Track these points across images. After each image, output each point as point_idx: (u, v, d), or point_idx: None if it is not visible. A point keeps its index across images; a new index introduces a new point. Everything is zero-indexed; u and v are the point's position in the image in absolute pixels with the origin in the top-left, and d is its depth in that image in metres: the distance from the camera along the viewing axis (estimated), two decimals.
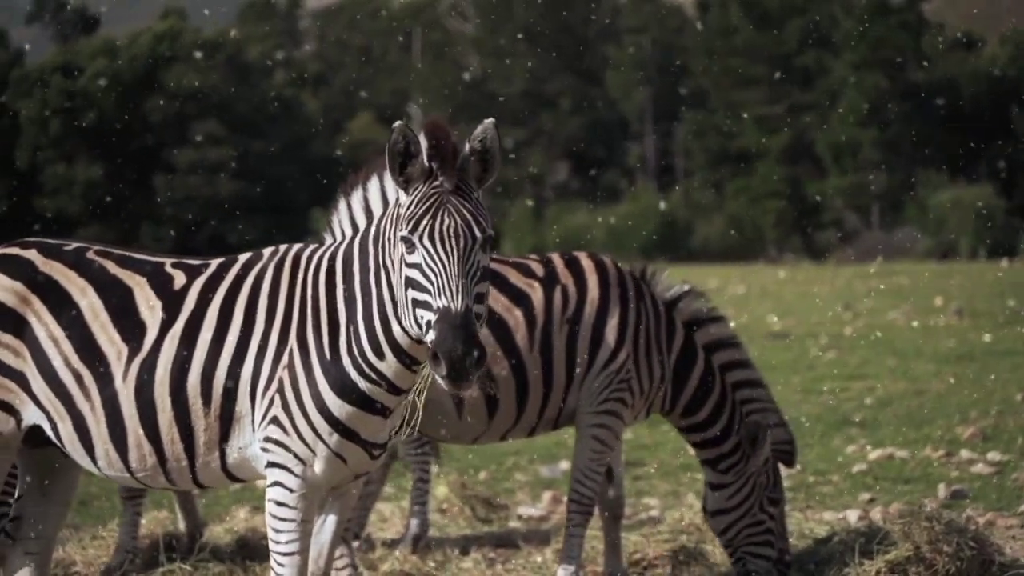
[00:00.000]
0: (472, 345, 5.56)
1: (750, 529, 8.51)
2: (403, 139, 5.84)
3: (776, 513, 8.55)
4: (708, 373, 8.47)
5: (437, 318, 5.61)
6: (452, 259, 5.72)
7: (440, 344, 5.55)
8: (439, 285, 5.68)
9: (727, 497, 8.50)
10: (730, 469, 8.50)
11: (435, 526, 10.62)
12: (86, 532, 10.32)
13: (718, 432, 8.51)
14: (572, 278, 8.32)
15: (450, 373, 5.55)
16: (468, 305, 5.65)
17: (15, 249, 6.63)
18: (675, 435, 14.61)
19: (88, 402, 6.31)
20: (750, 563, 8.52)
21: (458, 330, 5.56)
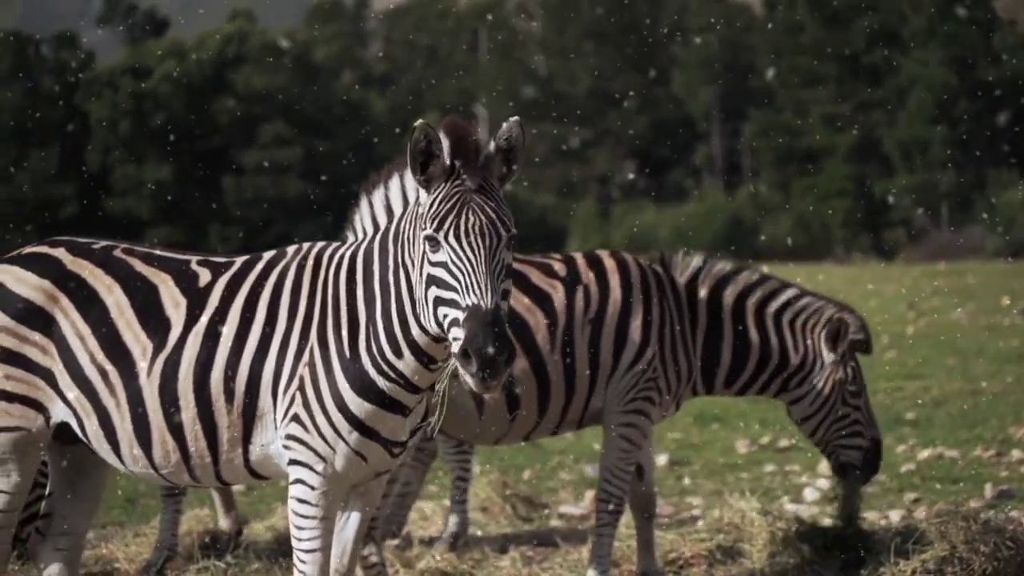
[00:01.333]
0: (503, 343, 5.57)
1: (837, 424, 8.65)
2: (425, 138, 5.85)
3: (860, 403, 8.67)
4: (739, 340, 8.51)
5: (466, 316, 5.62)
6: (479, 257, 5.73)
7: (471, 342, 5.55)
8: (467, 283, 5.69)
9: (808, 404, 8.64)
10: (803, 381, 8.62)
11: (476, 524, 10.64)
12: (131, 529, 10.42)
13: (772, 371, 8.59)
14: (594, 278, 8.31)
15: (480, 371, 5.55)
16: (497, 302, 5.66)
17: (44, 248, 6.70)
18: (724, 434, 14.70)
19: (113, 399, 6.37)
20: (842, 455, 8.70)
21: (489, 328, 5.57)
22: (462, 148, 5.88)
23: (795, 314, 8.65)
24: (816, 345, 8.61)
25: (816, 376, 8.60)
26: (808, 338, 8.62)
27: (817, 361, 8.61)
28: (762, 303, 8.63)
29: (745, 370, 8.58)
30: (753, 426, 15.02)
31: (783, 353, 8.60)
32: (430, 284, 5.79)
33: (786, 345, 8.60)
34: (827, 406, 8.61)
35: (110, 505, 11.74)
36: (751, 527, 9.24)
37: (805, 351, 8.61)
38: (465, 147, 5.88)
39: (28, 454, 6.60)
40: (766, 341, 8.57)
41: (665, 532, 9.51)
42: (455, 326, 5.67)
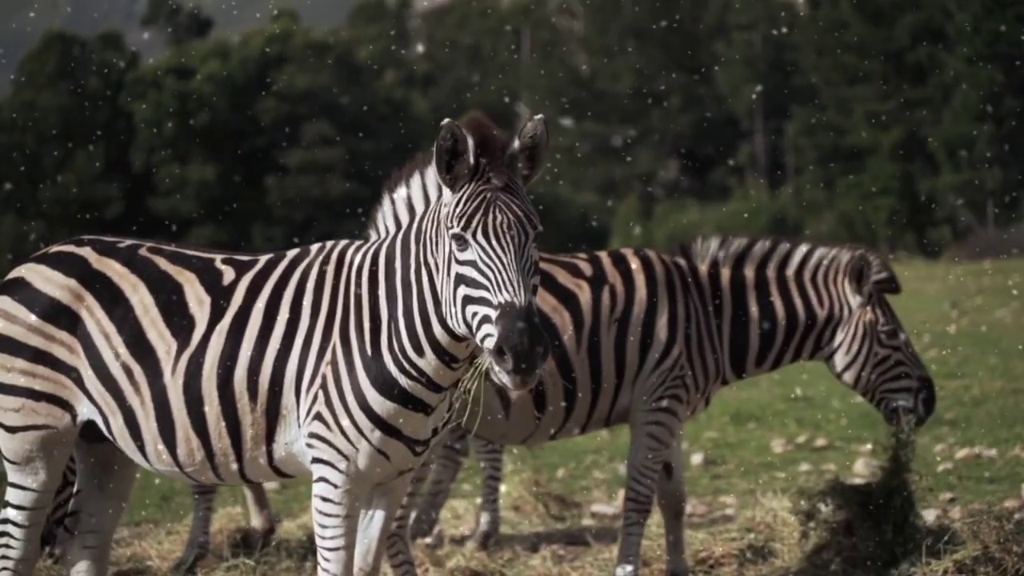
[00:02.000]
0: (538, 340, 5.56)
1: (879, 369, 8.56)
2: (451, 137, 5.84)
3: (899, 344, 8.57)
4: (764, 315, 8.48)
5: (499, 314, 5.60)
6: (509, 255, 5.72)
7: (506, 339, 5.54)
8: (498, 281, 5.68)
9: (843, 354, 8.55)
10: (834, 333, 8.55)
11: (508, 523, 10.64)
12: (164, 527, 10.46)
13: (802, 334, 8.53)
14: (620, 277, 8.29)
15: (516, 368, 5.54)
16: (531, 300, 5.65)
17: (70, 247, 6.73)
18: (759, 433, 14.64)
19: (138, 397, 6.39)
20: (891, 401, 8.60)
21: (524, 325, 5.55)
22: (487, 147, 5.87)
23: (814, 269, 8.59)
24: (840, 293, 8.55)
25: (845, 323, 8.52)
26: (831, 288, 8.56)
27: (844, 308, 8.54)
28: (780, 269, 8.58)
29: (774, 344, 8.51)
30: (789, 425, 14.97)
31: (809, 311, 8.53)
32: (458, 283, 5.78)
33: (810, 302, 8.54)
34: (863, 351, 8.51)
35: (144, 503, 11.80)
36: (783, 527, 9.20)
37: (830, 302, 8.55)
38: (490, 146, 5.88)
39: (55, 452, 6.62)
40: (790, 306, 8.51)
41: (696, 531, 9.48)
42: (486, 324, 5.66)
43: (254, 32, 63.02)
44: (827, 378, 18.65)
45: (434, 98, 66.18)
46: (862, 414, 14.71)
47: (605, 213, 60.03)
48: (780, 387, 18.15)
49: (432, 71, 70.55)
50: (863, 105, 61.39)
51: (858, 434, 13.93)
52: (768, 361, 8.57)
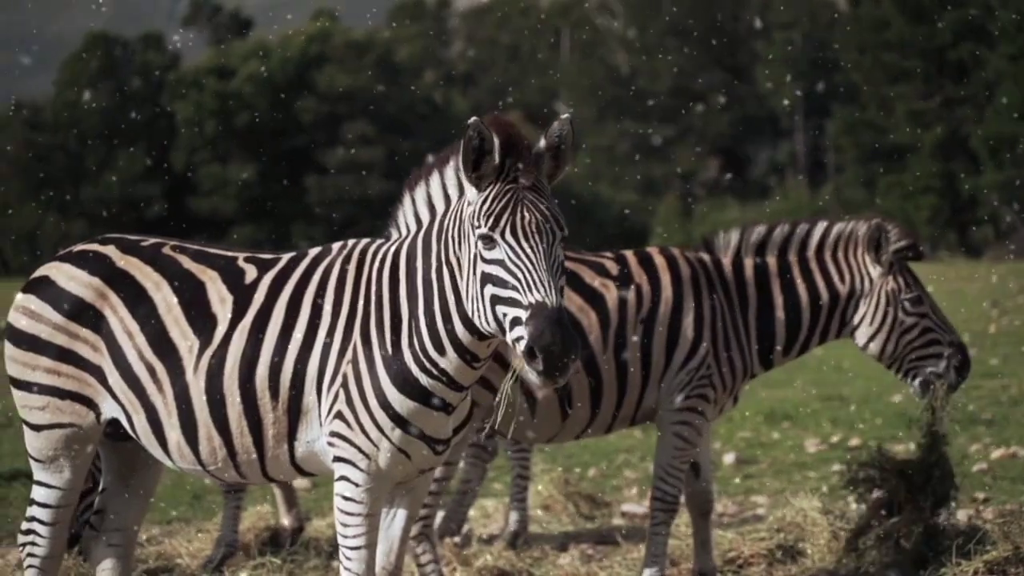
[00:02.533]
0: (570, 339, 5.55)
1: (906, 337, 8.43)
2: (477, 135, 5.82)
3: (925, 311, 8.44)
4: (788, 301, 8.41)
5: (531, 314, 5.58)
6: (538, 254, 5.72)
7: (538, 339, 5.52)
8: (529, 281, 5.66)
9: (867, 326, 8.44)
10: (857, 307, 8.45)
11: (537, 523, 10.61)
12: (196, 526, 10.48)
13: (826, 314, 8.45)
14: (646, 277, 8.25)
15: (547, 369, 5.53)
16: (561, 300, 5.64)
17: (94, 245, 6.75)
18: (793, 433, 14.57)
19: (161, 395, 6.40)
20: (922, 371, 8.45)
21: (556, 325, 5.54)
22: (513, 146, 5.86)
23: (833, 244, 8.50)
24: (860, 265, 8.47)
25: (867, 295, 8.44)
26: (851, 261, 8.48)
27: (864, 280, 8.45)
28: (801, 251, 8.51)
29: (800, 329, 8.43)
30: (824, 425, 14.88)
31: (831, 290, 8.44)
32: (485, 282, 5.76)
33: (832, 280, 8.46)
34: (887, 320, 8.41)
35: (177, 501, 11.83)
36: (812, 527, 9.15)
37: (851, 276, 8.46)
38: (516, 145, 5.86)
39: (80, 450, 6.65)
40: (813, 288, 8.43)
41: (726, 531, 9.43)
42: (517, 325, 5.65)
43: (294, 32, 63.16)
44: (864, 377, 18.64)
45: (473, 97, 66.19)
46: (897, 413, 14.64)
47: (645, 212, 59.91)
48: (815, 386, 18.08)
49: (471, 70, 70.56)
50: (904, 103, 61.09)
51: (893, 433, 13.84)
52: (795, 348, 8.49)
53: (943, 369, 8.42)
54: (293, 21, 67.49)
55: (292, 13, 63.38)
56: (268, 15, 74.07)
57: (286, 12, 68.49)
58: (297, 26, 65.03)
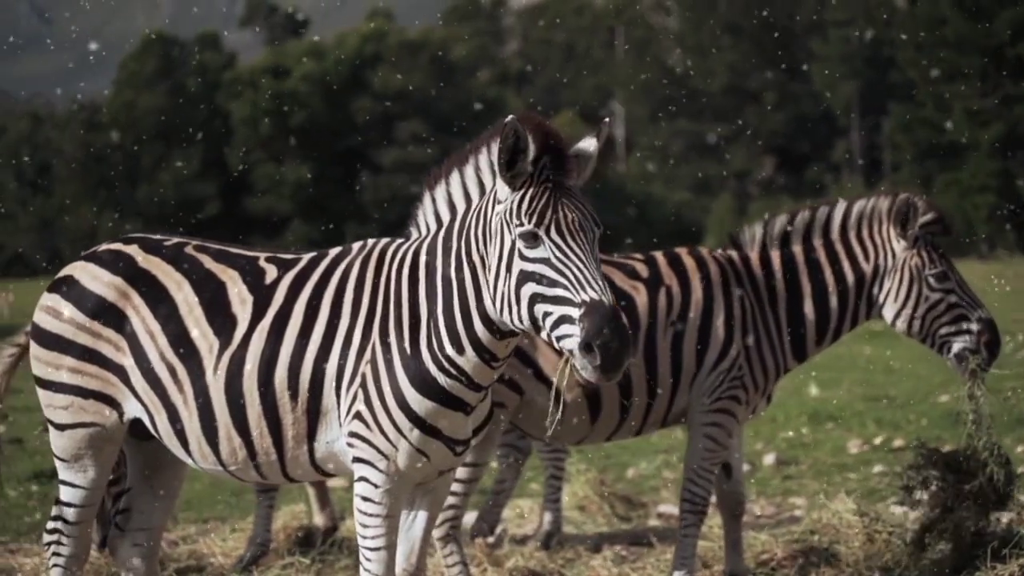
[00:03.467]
0: (626, 336, 5.55)
1: (932, 312, 8.26)
2: (514, 134, 5.79)
3: (951, 286, 8.26)
4: (816, 290, 8.30)
5: (585, 311, 5.55)
6: (586, 252, 5.71)
7: (596, 336, 5.50)
8: (580, 279, 5.64)
9: (892, 301, 8.29)
10: (882, 283, 8.31)
11: (572, 523, 10.57)
12: (232, 524, 10.50)
13: (854, 296, 8.33)
14: (676, 278, 8.18)
15: (604, 365, 5.52)
16: (613, 297, 5.64)
17: (118, 245, 6.77)
18: (837, 434, 14.44)
19: (181, 395, 6.40)
20: (954, 344, 8.26)
21: (613, 322, 5.53)
22: (549, 146, 5.83)
23: (856, 223, 8.38)
24: (884, 240, 8.33)
25: (891, 270, 8.30)
26: (875, 237, 8.35)
27: (888, 256, 8.31)
28: (825, 235, 8.40)
29: (830, 316, 8.32)
30: (868, 426, 14.75)
31: (856, 270, 8.32)
32: (525, 280, 5.73)
33: (856, 260, 8.34)
34: (912, 295, 8.25)
35: (215, 500, 11.85)
36: (847, 529, 9.06)
37: (875, 252, 8.33)
38: (552, 145, 5.83)
39: (103, 450, 6.67)
40: (839, 271, 8.32)
41: (757, 533, 9.35)
42: (564, 323, 5.61)
43: (349, 32, 63.32)
44: (913, 377, 18.48)
45: (527, 96, 66.16)
46: (944, 414, 14.50)
47: (699, 211, 59.70)
48: (862, 387, 17.94)
49: (526, 69, 70.55)
50: (962, 101, 60.57)
51: (938, 434, 13.69)
52: (827, 337, 8.38)
53: (973, 344, 8.27)
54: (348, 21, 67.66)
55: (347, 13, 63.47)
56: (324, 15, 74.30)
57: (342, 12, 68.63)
58: (352, 26, 65.19)
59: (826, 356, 21.39)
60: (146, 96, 62.06)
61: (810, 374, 19.49)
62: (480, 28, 69.71)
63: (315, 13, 72.71)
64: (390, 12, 64.87)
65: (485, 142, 6.20)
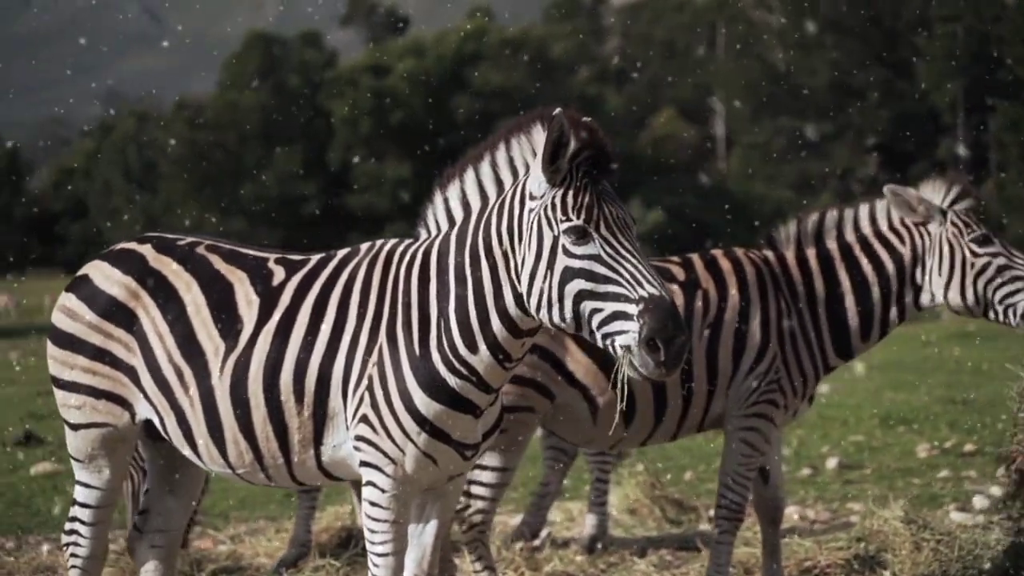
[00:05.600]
0: (687, 332, 5.48)
1: (982, 278, 7.88)
2: (559, 129, 5.67)
3: (997, 249, 7.90)
4: (858, 288, 8.06)
5: (645, 307, 5.43)
6: (635, 248, 5.62)
7: (660, 331, 5.39)
8: (635, 275, 5.53)
9: (937, 276, 7.97)
10: (924, 263, 8.01)
11: (622, 527, 10.43)
12: (279, 525, 10.48)
13: (897, 288, 8.05)
14: (712, 282, 8.01)
15: (667, 360, 5.41)
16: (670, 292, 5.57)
17: (132, 244, 6.73)
18: (907, 438, 14.15)
19: (188, 398, 6.34)
20: (1019, 303, 7.83)
21: (675, 317, 5.44)
22: (590, 142, 5.71)
23: (886, 213, 8.12)
24: (916, 223, 8.04)
25: (930, 249, 7.99)
26: (907, 222, 8.07)
27: (924, 237, 8.02)
28: (856, 229, 8.17)
29: (873, 309, 8.06)
30: (941, 429, 14.43)
31: (894, 256, 8.06)
32: (572, 277, 5.59)
33: (893, 247, 8.06)
34: (956, 264, 7.91)
35: (269, 500, 11.83)
36: (895, 536, 8.83)
37: (910, 236, 8.05)
38: (593, 141, 5.72)
39: (117, 450, 6.63)
40: (876, 260, 8.06)
41: (804, 539, 9.16)
42: (619, 320, 5.49)
43: (449, 30, 63.45)
44: (999, 380, 18.07)
45: (627, 94, 65.92)
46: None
47: (801, 210, 58.98)
48: (943, 389, 17.62)
49: (626, 67, 70.29)
50: None
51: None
52: (874, 332, 8.11)
53: None
54: (449, 19, 67.83)
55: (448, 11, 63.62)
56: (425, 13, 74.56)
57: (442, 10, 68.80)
58: (453, 24, 65.32)
59: (912, 357, 21.16)
60: (249, 95, 62.61)
61: (888, 375, 19.21)
62: (581, 26, 69.47)
63: (416, 11, 72.93)
64: (490, 10, 64.82)
65: (503, 138, 6.11)
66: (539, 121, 5.96)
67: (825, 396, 17.79)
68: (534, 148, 5.90)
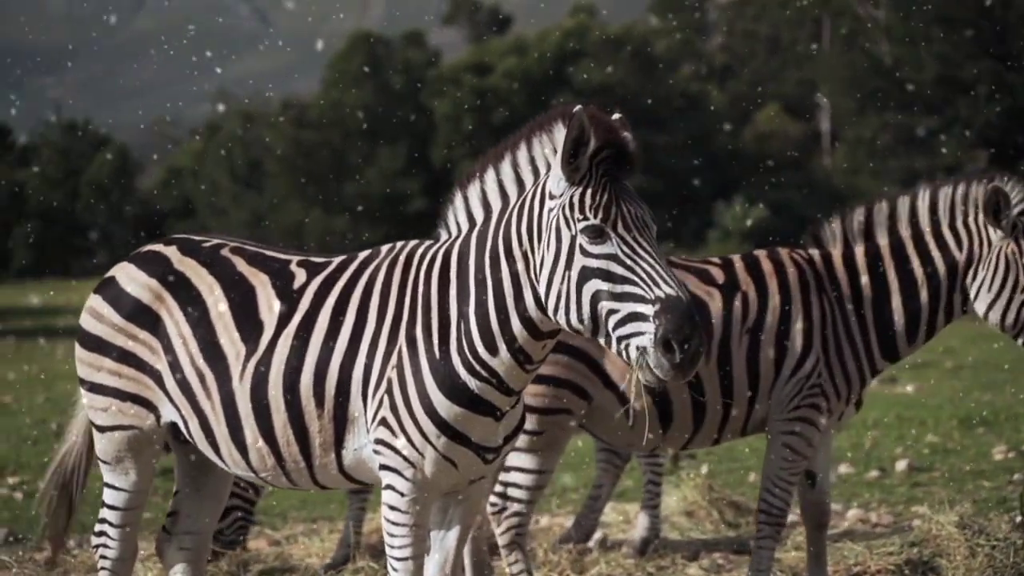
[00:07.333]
0: (702, 334, 5.39)
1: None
2: (579, 127, 5.60)
3: None
4: (907, 289, 7.85)
5: (662, 308, 5.35)
6: (653, 248, 5.54)
7: (677, 332, 5.31)
8: (651, 275, 5.45)
9: (986, 292, 7.75)
10: (976, 274, 7.79)
11: (678, 529, 10.31)
12: (334, 525, 10.48)
13: (947, 289, 7.84)
14: (753, 284, 7.85)
15: (682, 362, 5.33)
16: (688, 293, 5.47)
17: (158, 246, 6.75)
18: (986, 439, 13.84)
19: (210, 401, 6.33)
20: None
21: (691, 319, 5.35)
22: (611, 140, 5.66)
23: (948, 211, 7.87)
24: (978, 228, 7.79)
25: (985, 260, 7.75)
26: (969, 225, 7.82)
27: (983, 245, 7.77)
28: (913, 224, 7.93)
29: (921, 312, 7.85)
30: (1022, 431, 14.10)
31: (948, 260, 7.83)
32: (589, 277, 5.53)
33: (948, 249, 7.83)
34: (1007, 286, 7.68)
35: (329, 500, 11.82)
36: (949, 542, 8.65)
37: (968, 241, 7.80)
38: (614, 139, 5.66)
39: (143, 453, 6.65)
40: (928, 262, 7.84)
41: (855, 543, 8.98)
42: (635, 320, 5.41)
43: (551, 27, 63.36)
44: None
45: (731, 90, 65.45)
46: None
47: None
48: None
49: (730, 63, 69.79)
50: None
51: None
52: (920, 335, 7.90)
53: None
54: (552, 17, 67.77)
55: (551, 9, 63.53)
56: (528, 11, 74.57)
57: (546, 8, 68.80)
58: (556, 21, 65.25)
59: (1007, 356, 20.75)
60: (353, 94, 62.94)
61: (980, 375, 18.85)
62: (684, 22, 69.07)
63: (519, 10, 72.95)
64: (593, 7, 64.63)
65: (524, 138, 6.05)
66: (561, 119, 5.88)
67: (908, 396, 17.51)
68: (555, 147, 5.81)
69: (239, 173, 66.20)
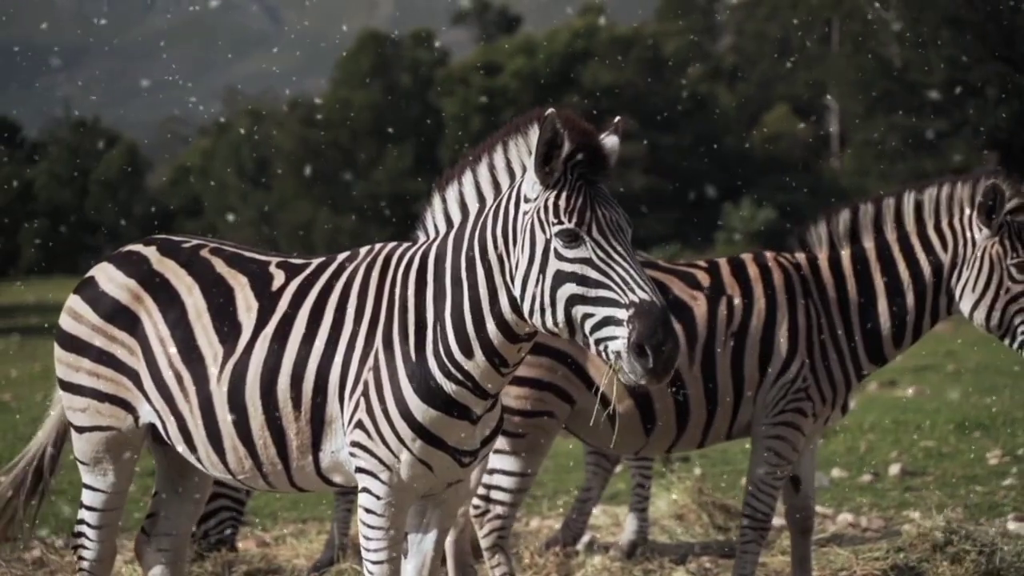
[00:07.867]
0: (676, 338, 5.37)
1: (1013, 306, 7.63)
2: (552, 129, 5.57)
3: None
4: (893, 293, 7.80)
5: (635, 312, 5.34)
6: (628, 252, 5.52)
7: (650, 337, 5.29)
8: (626, 279, 5.43)
9: (970, 292, 7.71)
10: (960, 274, 7.75)
11: (668, 532, 10.28)
12: (324, 526, 10.45)
13: (933, 291, 7.80)
14: (738, 288, 7.82)
15: (656, 367, 5.31)
16: (662, 297, 5.43)
17: (138, 246, 6.75)
18: (982, 443, 13.79)
19: (187, 403, 6.32)
20: None
21: (665, 323, 5.33)
22: (585, 143, 5.63)
23: (934, 212, 7.81)
24: (964, 228, 7.74)
25: (970, 260, 7.71)
26: (954, 226, 7.77)
27: (968, 245, 7.73)
28: (899, 226, 7.87)
29: (907, 315, 7.81)
30: (1019, 435, 14.03)
31: (934, 262, 7.78)
32: (564, 281, 5.51)
33: (934, 251, 7.78)
34: (992, 287, 7.64)
35: (319, 500, 11.80)
36: (935, 546, 8.61)
37: (953, 241, 7.76)
38: (588, 142, 5.64)
39: (122, 454, 6.64)
40: (914, 264, 7.79)
41: (841, 548, 8.95)
42: (608, 325, 5.40)
43: (560, 28, 63.33)
44: None
45: (740, 92, 65.39)
46: None
47: None
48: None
49: (739, 64, 69.72)
50: None
51: None
52: (906, 338, 7.86)
53: None
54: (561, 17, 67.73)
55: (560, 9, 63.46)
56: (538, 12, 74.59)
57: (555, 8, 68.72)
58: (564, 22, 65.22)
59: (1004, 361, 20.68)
60: (361, 93, 62.97)
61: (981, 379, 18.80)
62: (694, 23, 69.05)
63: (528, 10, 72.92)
64: (602, 8, 64.59)
65: (500, 140, 6.01)
66: (536, 122, 5.84)
67: (906, 400, 17.47)
68: (530, 149, 5.78)
69: (247, 172, 66.25)
